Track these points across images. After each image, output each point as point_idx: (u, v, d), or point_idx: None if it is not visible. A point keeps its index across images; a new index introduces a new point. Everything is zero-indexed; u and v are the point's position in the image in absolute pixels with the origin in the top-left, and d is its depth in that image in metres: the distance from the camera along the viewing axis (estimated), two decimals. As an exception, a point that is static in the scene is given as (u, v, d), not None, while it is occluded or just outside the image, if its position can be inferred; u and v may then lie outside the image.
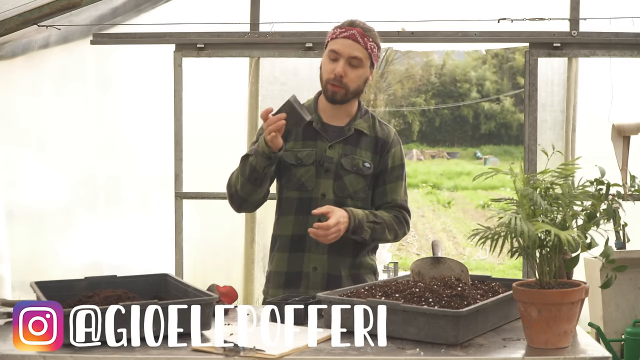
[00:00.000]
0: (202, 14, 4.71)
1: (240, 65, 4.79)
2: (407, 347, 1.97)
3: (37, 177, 4.82)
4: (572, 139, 4.66)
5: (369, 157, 2.68)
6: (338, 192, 2.64)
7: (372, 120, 2.75)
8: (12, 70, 4.77)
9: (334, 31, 2.64)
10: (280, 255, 2.69)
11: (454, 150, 27.57)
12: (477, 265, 9.67)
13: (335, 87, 2.61)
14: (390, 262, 6.20)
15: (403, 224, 2.70)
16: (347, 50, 2.59)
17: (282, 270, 2.68)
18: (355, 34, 2.59)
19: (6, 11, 4.28)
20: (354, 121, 2.70)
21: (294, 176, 2.64)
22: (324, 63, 2.65)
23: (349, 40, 2.59)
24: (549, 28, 4.56)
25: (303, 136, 2.67)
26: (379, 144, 2.71)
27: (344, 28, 2.61)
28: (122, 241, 4.81)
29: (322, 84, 2.66)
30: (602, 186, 2.00)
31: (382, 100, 27.98)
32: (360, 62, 2.60)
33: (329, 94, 2.63)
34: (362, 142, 2.69)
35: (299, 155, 2.64)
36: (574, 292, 1.93)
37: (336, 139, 2.67)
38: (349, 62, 2.59)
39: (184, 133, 4.71)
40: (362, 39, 2.60)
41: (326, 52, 2.64)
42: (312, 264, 2.64)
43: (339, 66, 2.58)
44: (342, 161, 2.64)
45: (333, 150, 2.65)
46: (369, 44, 2.61)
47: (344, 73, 2.58)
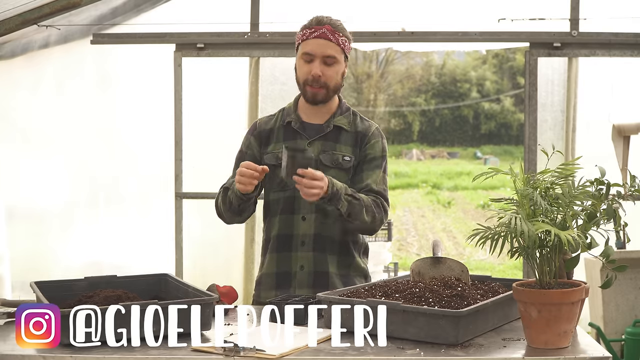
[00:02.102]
0: (202, 14, 4.71)
1: (240, 65, 4.80)
2: (407, 347, 1.97)
3: (37, 176, 4.82)
4: (572, 139, 4.66)
5: (349, 150, 2.67)
6: None
7: (352, 116, 2.73)
8: (12, 70, 4.77)
9: (304, 32, 2.63)
10: (270, 256, 2.69)
11: (454, 150, 27.56)
12: (477, 265, 9.67)
13: (314, 89, 2.61)
14: (390, 262, 6.20)
15: (381, 209, 2.61)
16: (320, 49, 2.59)
17: (272, 271, 2.68)
18: (325, 32, 2.59)
19: (6, 11, 4.28)
20: (333, 118, 2.70)
21: (276, 177, 2.64)
22: (298, 66, 2.65)
23: (320, 40, 2.59)
24: (549, 28, 4.56)
25: (284, 137, 2.68)
26: (358, 137, 2.70)
27: (313, 28, 2.61)
28: (122, 241, 4.81)
29: (299, 87, 2.66)
30: (602, 186, 1.99)
31: (382, 100, 27.98)
32: (335, 59, 2.61)
33: (309, 95, 2.63)
34: (342, 138, 2.68)
35: (280, 155, 2.64)
36: (574, 292, 1.92)
37: (315, 136, 2.67)
38: (323, 61, 2.60)
39: (184, 133, 4.71)
40: (333, 36, 2.59)
41: (299, 54, 2.64)
42: (300, 262, 2.65)
43: (314, 67, 2.59)
44: (321, 157, 2.63)
45: (312, 147, 2.65)
46: (340, 40, 2.61)
47: (321, 73, 2.59)
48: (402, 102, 28.27)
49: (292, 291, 2.61)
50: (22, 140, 4.82)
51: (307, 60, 2.61)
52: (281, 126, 2.70)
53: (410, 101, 28.37)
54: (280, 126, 2.70)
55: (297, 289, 2.61)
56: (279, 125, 2.70)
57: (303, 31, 2.63)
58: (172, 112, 4.71)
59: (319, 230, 2.63)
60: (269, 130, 2.71)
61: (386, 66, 27.60)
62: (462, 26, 4.63)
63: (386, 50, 24.75)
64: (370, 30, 4.63)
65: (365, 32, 4.60)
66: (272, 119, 2.75)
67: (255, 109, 4.71)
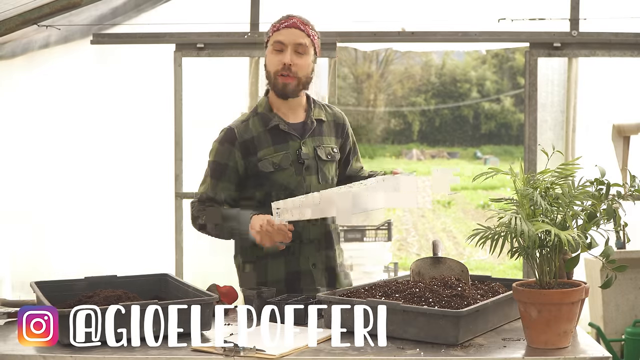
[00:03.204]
0: (202, 14, 4.70)
1: (240, 65, 4.79)
2: (407, 347, 1.97)
3: (37, 176, 4.82)
4: (572, 139, 4.66)
5: (333, 141, 2.77)
6: (322, 182, 2.68)
7: (323, 107, 2.82)
8: (12, 70, 4.77)
9: (274, 25, 2.69)
10: (274, 262, 2.66)
11: (454, 150, 27.53)
12: (477, 265, 9.67)
13: (285, 78, 2.63)
14: (390, 262, 6.19)
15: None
16: (291, 38, 2.63)
17: (280, 277, 2.67)
18: (296, 22, 2.66)
19: (6, 11, 4.28)
20: (310, 112, 2.74)
21: (275, 182, 2.63)
22: (269, 58, 2.67)
23: (292, 29, 2.64)
24: (549, 28, 4.56)
25: (273, 141, 2.67)
26: (338, 128, 2.81)
27: (284, 20, 2.68)
28: (122, 241, 4.81)
29: (270, 80, 2.68)
30: (602, 186, 1.99)
31: (382, 100, 27.96)
32: (306, 49, 2.65)
33: (280, 86, 2.64)
34: (324, 130, 2.75)
35: (275, 160, 2.64)
36: (574, 292, 1.93)
37: (304, 134, 2.69)
38: (295, 50, 2.63)
39: (184, 133, 4.71)
40: (304, 27, 2.66)
41: (270, 46, 2.67)
42: (311, 260, 2.66)
43: (286, 56, 2.62)
44: (318, 153, 2.68)
45: (306, 146, 2.67)
46: (310, 32, 2.68)
47: (292, 61, 2.62)
48: (402, 102, 28.25)
49: (305, 290, 2.62)
50: (22, 140, 4.81)
51: (278, 49, 2.64)
52: (266, 131, 2.66)
53: (410, 101, 28.36)
54: (265, 131, 2.66)
55: (310, 289, 2.63)
56: (263, 130, 2.67)
57: (273, 25, 2.70)
58: (172, 112, 4.70)
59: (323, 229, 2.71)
60: (252, 138, 2.66)
61: (386, 66, 27.57)
62: (462, 26, 4.63)
63: (386, 50, 24.71)
64: (370, 30, 4.62)
65: (365, 32, 4.60)
66: (246, 125, 2.69)
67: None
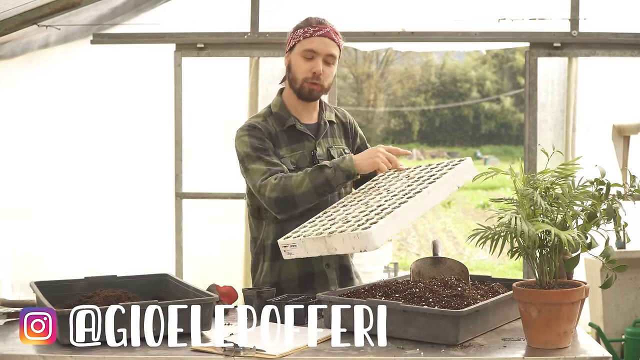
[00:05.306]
0: (202, 14, 4.71)
1: (240, 65, 4.79)
2: (407, 347, 1.97)
3: (37, 176, 4.82)
4: (572, 139, 4.66)
5: (344, 143, 2.78)
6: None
7: (332, 109, 2.82)
8: (12, 70, 4.77)
9: (306, 30, 2.63)
10: (287, 262, 2.60)
11: (454, 150, 27.53)
12: (477, 265, 9.67)
13: (314, 86, 2.63)
14: (390, 262, 6.19)
15: None
16: (324, 48, 2.61)
17: (293, 276, 2.66)
18: (329, 32, 2.63)
19: (6, 11, 4.28)
20: (323, 114, 2.75)
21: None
22: (297, 63, 2.64)
23: (325, 39, 2.62)
24: (549, 28, 4.56)
25: (289, 141, 2.67)
26: (348, 130, 2.81)
27: (317, 27, 2.63)
28: (122, 241, 4.81)
29: (295, 84, 2.65)
30: (602, 186, 1.99)
31: (382, 100, 27.96)
32: (335, 59, 2.65)
33: (306, 92, 2.64)
34: (335, 131, 2.77)
35: (293, 160, 2.64)
36: (574, 292, 1.92)
37: (319, 135, 2.70)
38: (324, 60, 2.63)
39: (184, 133, 4.71)
40: (335, 37, 2.64)
41: (299, 51, 2.63)
42: (325, 260, 2.65)
43: (317, 65, 2.60)
44: (331, 153, 2.69)
45: (320, 147, 2.69)
46: (340, 42, 2.67)
47: (322, 71, 2.62)
48: (402, 102, 28.26)
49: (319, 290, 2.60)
50: (22, 140, 4.82)
51: (308, 57, 2.61)
52: (282, 131, 2.66)
53: (410, 101, 28.37)
54: (281, 131, 2.66)
55: (324, 288, 2.63)
56: (280, 130, 2.67)
57: (305, 29, 2.63)
58: (172, 112, 4.71)
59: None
60: (274, 135, 2.65)
61: (386, 66, 27.58)
62: (462, 26, 4.63)
63: (386, 50, 24.72)
64: (370, 30, 4.63)
65: (365, 32, 4.60)
66: (266, 122, 2.68)
67: (255, 109, 4.71)
